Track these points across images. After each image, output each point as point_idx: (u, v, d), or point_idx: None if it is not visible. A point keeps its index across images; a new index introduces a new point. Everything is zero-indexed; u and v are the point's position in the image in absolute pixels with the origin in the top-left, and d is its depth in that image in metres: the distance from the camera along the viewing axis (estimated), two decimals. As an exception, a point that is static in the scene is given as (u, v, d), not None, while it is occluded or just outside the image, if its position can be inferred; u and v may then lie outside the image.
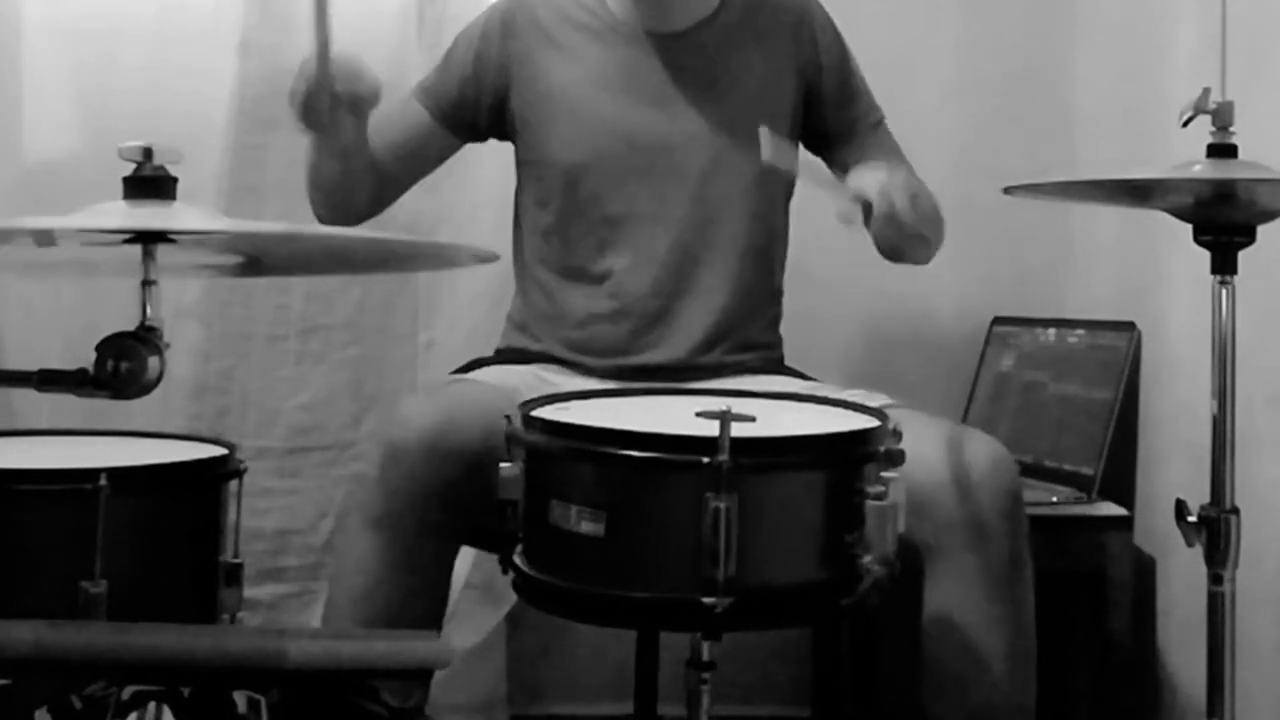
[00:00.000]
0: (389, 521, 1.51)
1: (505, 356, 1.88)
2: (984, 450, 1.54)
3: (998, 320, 2.42)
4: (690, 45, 1.83)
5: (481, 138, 1.92)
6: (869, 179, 1.59)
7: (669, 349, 1.80)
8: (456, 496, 1.50)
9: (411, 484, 1.50)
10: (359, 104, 1.69)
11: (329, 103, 1.65)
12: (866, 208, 1.57)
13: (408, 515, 1.50)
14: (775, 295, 1.92)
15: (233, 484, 1.46)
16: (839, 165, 1.91)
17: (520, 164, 1.90)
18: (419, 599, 1.53)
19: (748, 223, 1.84)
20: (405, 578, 1.52)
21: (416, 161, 1.91)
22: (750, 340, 1.85)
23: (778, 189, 1.88)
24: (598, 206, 1.81)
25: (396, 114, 1.86)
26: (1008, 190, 1.46)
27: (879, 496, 1.21)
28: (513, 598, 2.24)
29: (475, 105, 1.87)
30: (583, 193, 1.81)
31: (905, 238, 1.61)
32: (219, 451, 1.49)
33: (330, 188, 1.81)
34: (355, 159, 1.78)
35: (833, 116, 1.90)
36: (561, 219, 1.84)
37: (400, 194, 1.93)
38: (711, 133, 1.81)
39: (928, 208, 1.69)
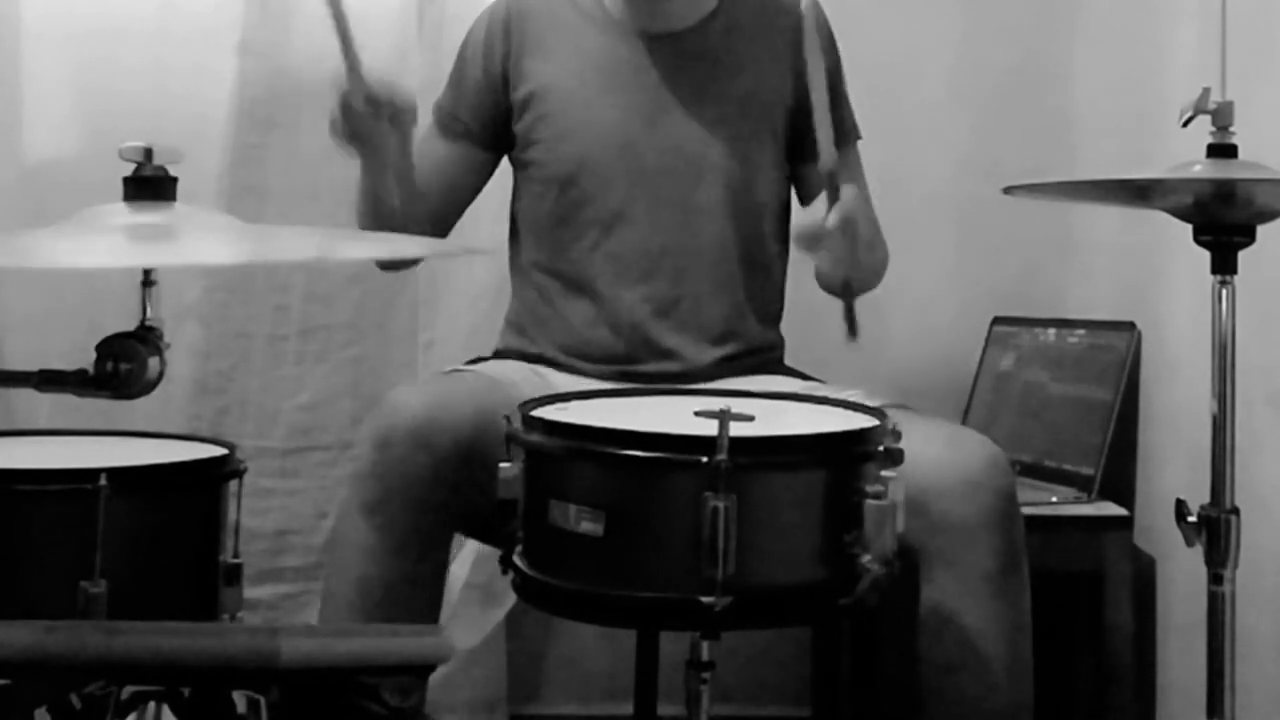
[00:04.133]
0: (382, 508, 1.51)
1: (503, 358, 1.87)
2: (979, 450, 1.54)
3: (998, 320, 2.42)
4: (688, 45, 1.83)
5: (513, 146, 1.88)
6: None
7: (668, 357, 1.79)
8: (448, 481, 1.51)
9: (402, 470, 1.51)
10: (398, 117, 1.67)
11: (369, 112, 1.63)
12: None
13: (400, 501, 1.51)
14: (776, 295, 1.92)
15: (233, 484, 1.46)
16: (816, 181, 1.90)
17: (515, 165, 1.89)
18: (415, 585, 1.54)
19: (746, 225, 1.83)
20: (401, 563, 1.52)
21: (464, 190, 1.90)
22: (750, 342, 1.85)
23: (767, 191, 1.88)
24: (592, 209, 1.80)
25: (426, 150, 1.84)
26: (1008, 190, 1.46)
27: (878, 496, 1.22)
28: (513, 598, 2.24)
29: (500, 114, 1.85)
30: (577, 195, 1.80)
31: (854, 260, 1.58)
32: (219, 451, 1.49)
33: (384, 227, 1.78)
34: (405, 185, 1.74)
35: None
36: (556, 222, 1.83)
37: (456, 221, 1.91)
38: (709, 134, 1.80)
39: (878, 258, 1.72)
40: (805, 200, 1.92)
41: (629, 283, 1.80)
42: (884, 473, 1.23)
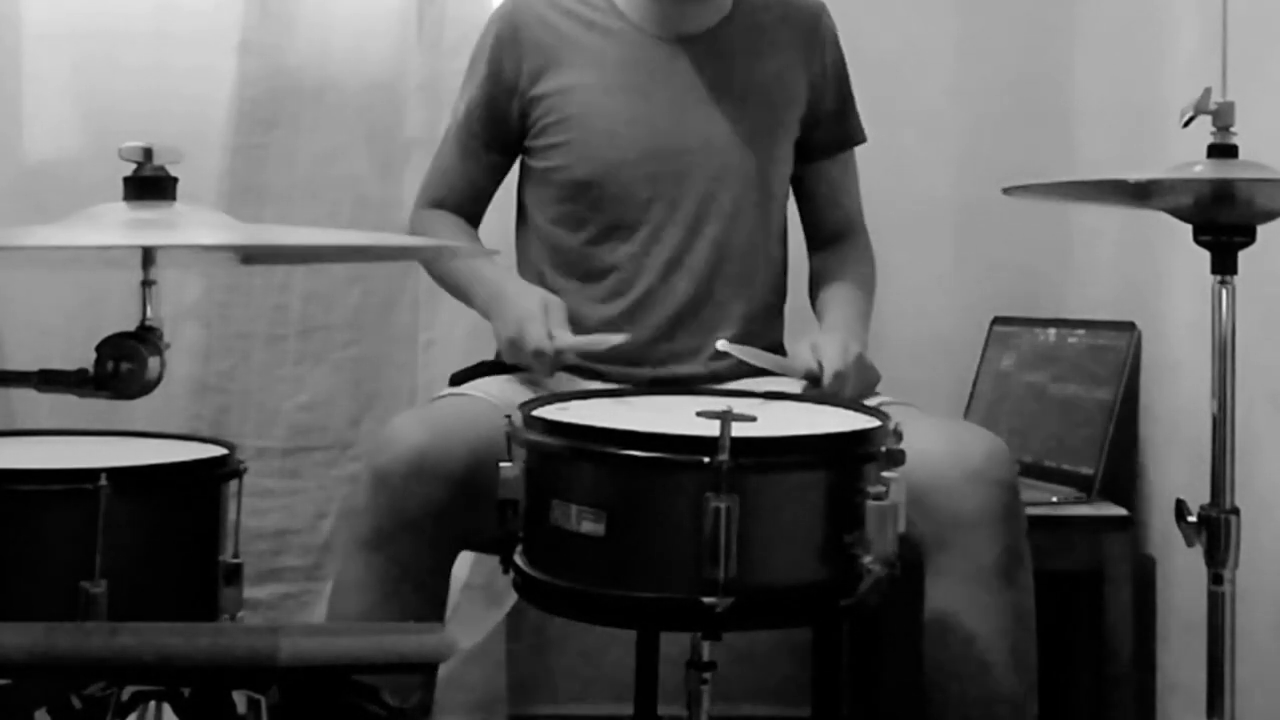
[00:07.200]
0: (380, 544, 1.52)
1: (500, 363, 1.86)
2: (981, 443, 1.54)
3: (998, 320, 2.42)
4: (705, 48, 1.82)
5: (519, 150, 1.89)
6: (830, 353, 1.64)
7: (686, 361, 1.79)
8: (446, 515, 1.51)
9: (400, 506, 1.51)
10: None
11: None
12: (814, 378, 1.63)
13: (398, 537, 1.52)
14: (782, 296, 1.92)
15: (233, 484, 1.46)
16: (816, 182, 1.92)
17: (529, 168, 1.88)
18: (416, 618, 1.53)
19: (760, 227, 1.84)
20: (401, 598, 1.52)
21: (489, 194, 1.94)
22: (766, 341, 1.84)
23: (780, 190, 1.88)
24: (612, 212, 1.80)
25: (457, 169, 1.90)
26: (1008, 190, 1.46)
27: (879, 496, 1.22)
28: (513, 598, 2.24)
29: (516, 121, 1.85)
30: (596, 198, 1.80)
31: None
32: (219, 451, 1.49)
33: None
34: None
35: (827, 130, 1.90)
36: (574, 224, 1.82)
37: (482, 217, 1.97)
38: (726, 137, 1.80)
39: (870, 379, 1.72)
40: (799, 196, 1.93)
41: (649, 288, 1.79)
42: (885, 473, 1.23)
